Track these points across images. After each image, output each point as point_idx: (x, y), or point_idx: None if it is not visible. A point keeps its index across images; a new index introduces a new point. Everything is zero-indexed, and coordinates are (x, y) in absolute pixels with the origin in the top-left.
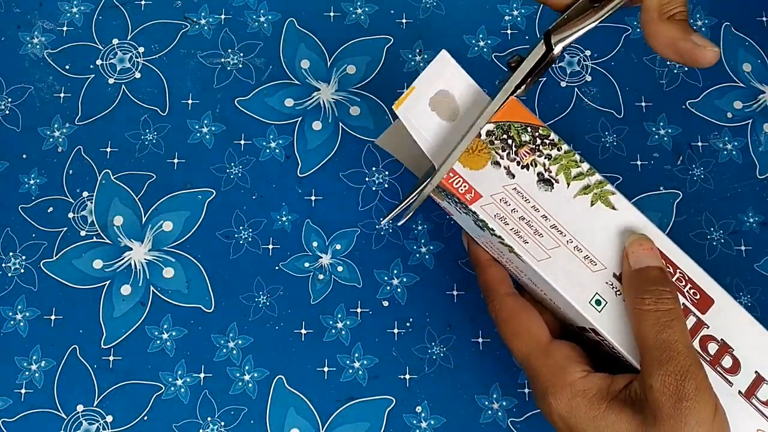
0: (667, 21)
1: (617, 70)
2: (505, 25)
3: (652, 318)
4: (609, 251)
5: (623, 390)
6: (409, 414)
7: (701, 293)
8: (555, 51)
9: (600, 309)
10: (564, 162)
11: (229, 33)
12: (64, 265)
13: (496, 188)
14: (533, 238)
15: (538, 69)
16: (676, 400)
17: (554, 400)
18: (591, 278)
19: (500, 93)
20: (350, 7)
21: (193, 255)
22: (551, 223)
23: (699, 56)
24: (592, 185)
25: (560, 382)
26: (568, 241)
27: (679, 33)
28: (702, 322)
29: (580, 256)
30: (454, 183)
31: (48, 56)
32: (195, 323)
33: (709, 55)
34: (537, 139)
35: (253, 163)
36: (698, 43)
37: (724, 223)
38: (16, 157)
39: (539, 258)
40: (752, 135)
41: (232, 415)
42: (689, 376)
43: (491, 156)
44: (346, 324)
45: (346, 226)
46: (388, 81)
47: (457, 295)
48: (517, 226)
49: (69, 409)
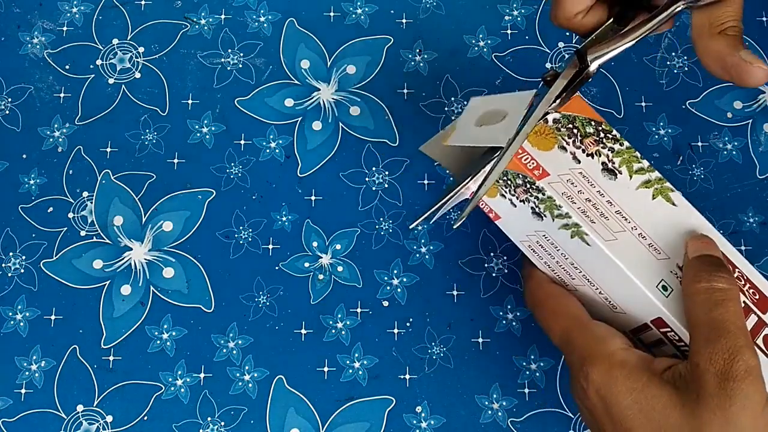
0: (718, 36)
1: (617, 70)
2: (505, 25)
3: (704, 296)
4: (672, 242)
5: (666, 371)
6: (409, 414)
7: (761, 294)
8: (591, 68)
9: (667, 295)
10: (626, 156)
11: (229, 33)
12: (64, 265)
13: (563, 170)
14: (600, 219)
15: (574, 84)
16: (722, 379)
17: (592, 369)
18: (656, 265)
19: (539, 106)
20: (350, 7)
21: (193, 255)
22: (616, 209)
23: (746, 73)
24: (653, 180)
25: (599, 352)
26: (632, 227)
27: (728, 48)
28: (764, 321)
29: (644, 243)
30: (522, 159)
31: (48, 56)
32: (195, 323)
33: (758, 73)
34: (601, 133)
35: (253, 163)
36: (746, 60)
37: (724, 223)
38: (16, 157)
39: (607, 238)
40: (752, 135)
41: (232, 415)
42: (739, 357)
43: (558, 141)
44: (346, 324)
45: (346, 226)
46: (388, 81)
47: (457, 295)
48: (583, 206)
49: (69, 409)
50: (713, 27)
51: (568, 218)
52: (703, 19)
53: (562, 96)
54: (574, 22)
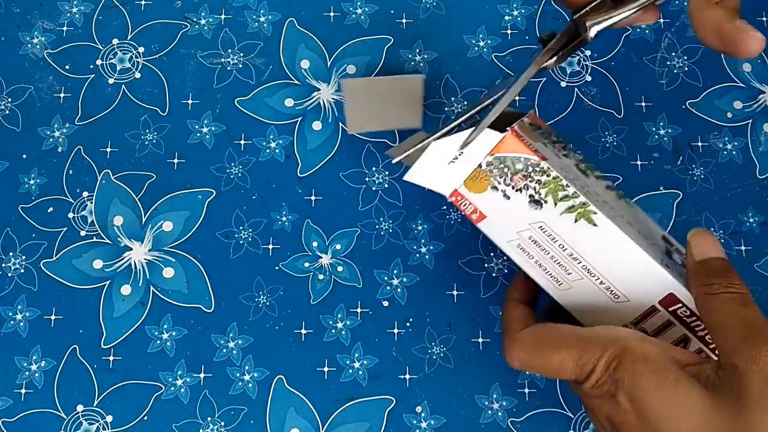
0: (715, 6)
1: (617, 70)
2: (505, 25)
3: (726, 298)
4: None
5: (689, 366)
6: (409, 414)
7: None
8: (590, 34)
9: (670, 272)
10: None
11: (229, 33)
12: (64, 265)
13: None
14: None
15: (571, 45)
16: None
17: (617, 370)
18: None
19: (532, 64)
20: (350, 7)
21: (193, 255)
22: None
23: (742, 41)
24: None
25: (619, 351)
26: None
27: (725, 17)
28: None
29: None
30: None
31: (48, 56)
32: (195, 323)
33: (753, 41)
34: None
35: (253, 163)
36: (742, 28)
37: (724, 223)
38: (16, 157)
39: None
40: (752, 135)
41: (232, 415)
42: None
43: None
44: (346, 324)
45: (346, 226)
46: None
47: (457, 295)
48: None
49: (69, 409)
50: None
51: (575, 198)
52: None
53: (559, 54)
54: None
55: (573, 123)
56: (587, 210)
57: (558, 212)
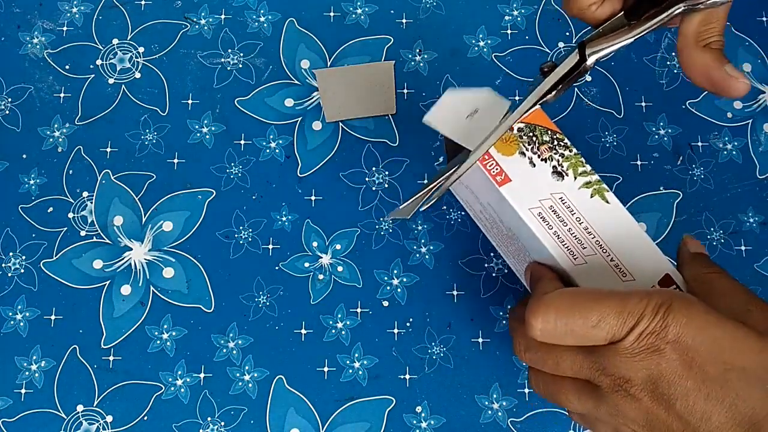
0: (703, 49)
1: (617, 70)
2: (505, 25)
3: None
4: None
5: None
6: (409, 414)
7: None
8: (588, 62)
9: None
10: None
11: (229, 33)
12: (64, 265)
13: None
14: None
15: (569, 78)
16: None
17: (669, 314)
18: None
19: (531, 95)
20: (350, 7)
21: (193, 255)
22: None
23: (730, 87)
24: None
25: (668, 296)
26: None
27: (714, 62)
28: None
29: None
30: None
31: (48, 56)
32: (195, 323)
33: (740, 86)
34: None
35: (253, 163)
36: (731, 74)
37: (724, 223)
38: (16, 157)
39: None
40: (752, 135)
41: (232, 415)
42: None
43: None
44: (346, 324)
45: (346, 226)
46: None
47: (457, 295)
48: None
49: (69, 409)
50: (699, 40)
51: (592, 175)
52: (690, 28)
53: (558, 88)
54: (587, 13)
55: (573, 123)
56: (602, 187)
57: (577, 186)
